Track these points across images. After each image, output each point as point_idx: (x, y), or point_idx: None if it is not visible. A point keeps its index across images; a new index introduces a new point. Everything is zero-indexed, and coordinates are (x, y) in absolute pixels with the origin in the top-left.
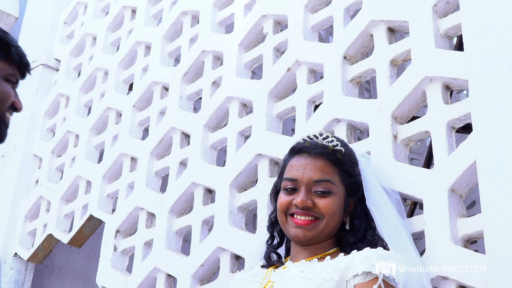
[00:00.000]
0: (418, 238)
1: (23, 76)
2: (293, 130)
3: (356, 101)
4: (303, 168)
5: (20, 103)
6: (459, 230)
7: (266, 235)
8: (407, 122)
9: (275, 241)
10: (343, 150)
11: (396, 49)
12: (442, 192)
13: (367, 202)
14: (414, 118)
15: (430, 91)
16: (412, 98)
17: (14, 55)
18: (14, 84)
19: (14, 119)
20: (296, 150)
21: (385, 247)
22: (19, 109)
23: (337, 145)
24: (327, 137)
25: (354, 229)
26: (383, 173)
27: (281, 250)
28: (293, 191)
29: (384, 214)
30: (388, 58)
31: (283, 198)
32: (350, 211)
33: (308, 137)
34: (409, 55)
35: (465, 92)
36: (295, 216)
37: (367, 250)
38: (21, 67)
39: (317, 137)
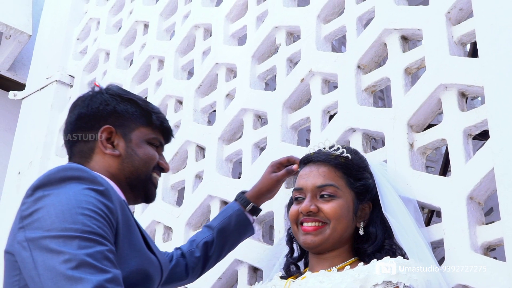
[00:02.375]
0: (437, 247)
1: (167, 140)
2: (307, 140)
3: (371, 110)
4: (307, 177)
5: (166, 164)
6: (479, 238)
7: (283, 246)
8: (423, 130)
9: (296, 254)
10: (349, 156)
11: (410, 57)
12: (460, 200)
13: (383, 210)
14: (430, 126)
15: (446, 99)
16: (428, 106)
17: (155, 120)
18: (158, 147)
19: (30, 136)
20: (303, 162)
21: (404, 255)
22: (166, 169)
23: (342, 152)
24: (333, 146)
25: (370, 238)
26: (400, 182)
27: (300, 264)
28: (301, 200)
29: (401, 222)
30: (402, 67)
31: (292, 208)
32: (364, 217)
33: (317, 147)
34: (423, 63)
35: (479, 98)
36: (303, 223)
37: (387, 259)
38: (163, 131)
39: (324, 148)
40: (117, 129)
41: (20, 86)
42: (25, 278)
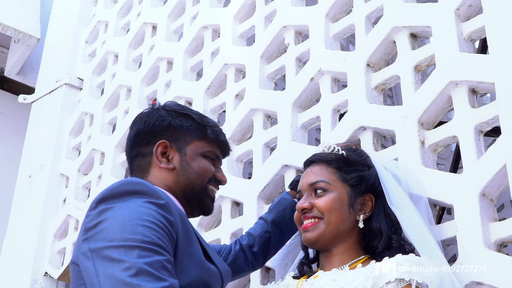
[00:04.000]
0: (450, 244)
1: (224, 153)
2: (317, 140)
3: (382, 108)
4: (303, 178)
5: (223, 176)
6: (492, 235)
7: (295, 246)
8: (434, 128)
9: (311, 256)
10: (344, 153)
11: (420, 55)
12: (472, 197)
13: (389, 204)
14: (440, 123)
15: (456, 96)
16: (438, 103)
17: (210, 134)
18: (215, 160)
19: (40, 139)
20: (304, 166)
21: (413, 251)
22: (223, 182)
23: (338, 150)
24: (330, 147)
25: (375, 233)
26: (412, 179)
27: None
28: None
29: (408, 217)
30: (412, 64)
31: (296, 211)
32: (366, 210)
33: (317, 151)
34: (433, 60)
35: (488, 95)
36: (303, 222)
37: (399, 256)
38: (219, 144)
39: (323, 151)
40: (172, 143)
41: (29, 90)
42: (87, 286)
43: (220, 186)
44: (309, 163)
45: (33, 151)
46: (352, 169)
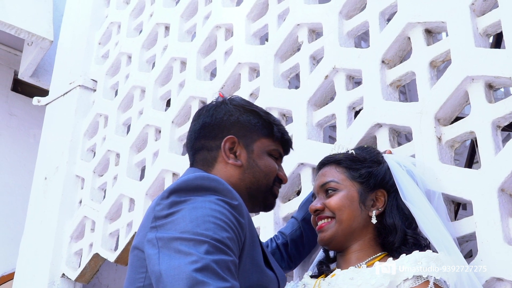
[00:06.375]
0: (469, 240)
1: (286, 152)
2: (330, 137)
3: (397, 105)
4: (315, 181)
5: (285, 175)
6: (511, 230)
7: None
8: (450, 123)
9: (331, 256)
10: (353, 153)
11: (435, 50)
12: (491, 192)
13: (403, 199)
14: (457, 119)
15: (473, 91)
16: (455, 98)
17: (276, 132)
18: (278, 159)
19: (55, 141)
20: (316, 169)
21: (429, 246)
22: (285, 181)
23: (347, 151)
24: (340, 147)
25: (389, 229)
26: (429, 176)
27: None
28: None
29: (423, 212)
30: (427, 60)
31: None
32: (379, 206)
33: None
34: (448, 56)
35: (502, 89)
36: (317, 223)
37: (416, 253)
38: (283, 143)
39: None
40: (239, 139)
41: (43, 92)
42: (149, 273)
43: None
44: (320, 165)
45: (48, 153)
46: (360, 166)
